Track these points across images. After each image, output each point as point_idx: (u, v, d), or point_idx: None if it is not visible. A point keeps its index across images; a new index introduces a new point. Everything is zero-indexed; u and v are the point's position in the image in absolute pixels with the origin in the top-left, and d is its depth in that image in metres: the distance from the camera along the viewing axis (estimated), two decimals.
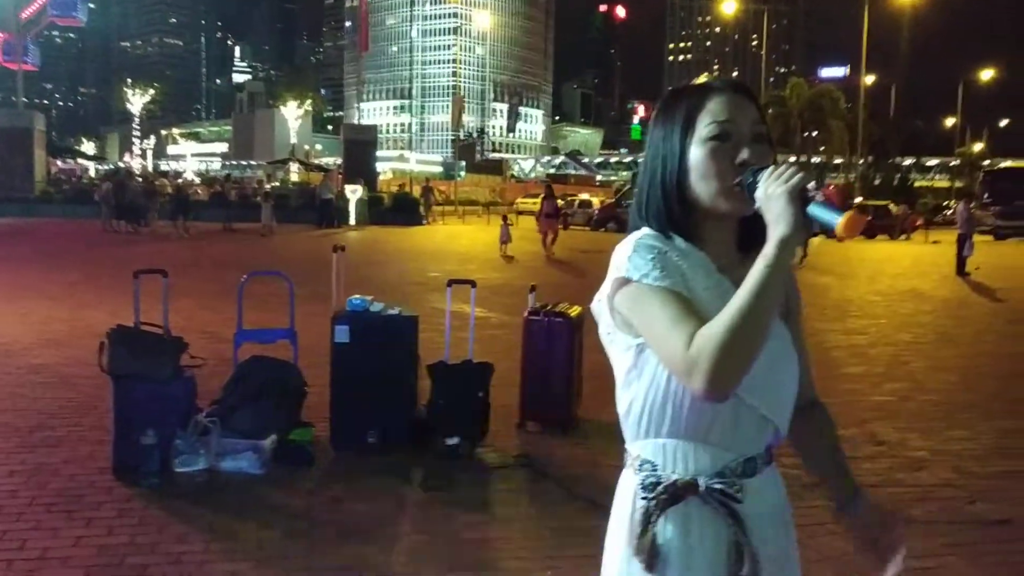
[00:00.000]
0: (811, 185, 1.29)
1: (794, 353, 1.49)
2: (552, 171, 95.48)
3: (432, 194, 37.14)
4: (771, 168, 1.34)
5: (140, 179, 31.81)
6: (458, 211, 43.75)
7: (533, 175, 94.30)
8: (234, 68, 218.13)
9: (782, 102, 59.11)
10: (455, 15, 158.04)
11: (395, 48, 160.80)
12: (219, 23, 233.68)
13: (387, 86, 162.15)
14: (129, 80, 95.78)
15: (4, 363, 7.26)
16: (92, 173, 54.67)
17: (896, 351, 9.32)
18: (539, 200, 24.94)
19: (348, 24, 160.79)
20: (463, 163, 77.57)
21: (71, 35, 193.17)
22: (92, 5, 58.72)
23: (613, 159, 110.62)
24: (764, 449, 1.45)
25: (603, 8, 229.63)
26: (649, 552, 1.40)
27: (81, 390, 6.26)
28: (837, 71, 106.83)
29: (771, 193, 1.30)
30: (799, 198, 1.29)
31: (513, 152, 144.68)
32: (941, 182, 74.50)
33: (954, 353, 9.42)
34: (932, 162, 79.52)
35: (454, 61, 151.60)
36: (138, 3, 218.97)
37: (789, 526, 1.52)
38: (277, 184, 40.32)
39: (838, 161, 63.40)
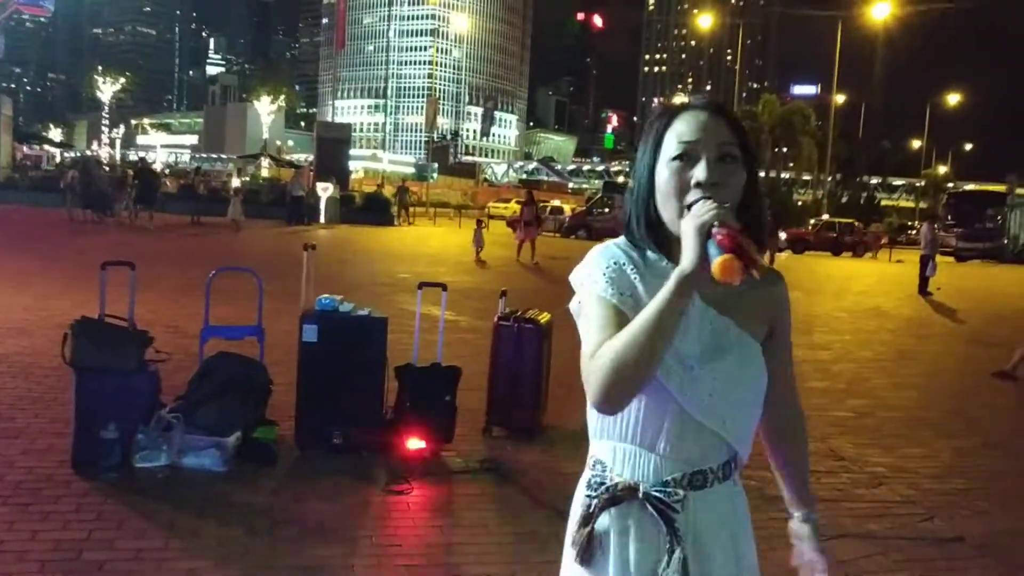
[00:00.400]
0: (715, 226, 1.28)
1: (760, 374, 1.50)
2: (525, 176, 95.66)
3: (407, 195, 37.00)
4: (700, 202, 1.35)
5: (107, 168, 31.35)
6: (429, 213, 43.67)
7: (506, 180, 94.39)
8: (208, 60, 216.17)
9: (754, 117, 59.76)
10: (433, 16, 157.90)
11: (371, 47, 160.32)
12: (194, 14, 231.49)
13: (362, 85, 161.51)
14: (100, 68, 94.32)
15: None
16: (58, 159, 53.79)
17: (858, 367, 9.46)
18: (517, 206, 24.81)
19: (325, 21, 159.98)
20: (436, 165, 77.50)
21: (41, 20, 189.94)
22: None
23: (586, 167, 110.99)
24: (719, 465, 1.47)
25: (581, 16, 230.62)
26: (584, 546, 1.45)
27: (42, 381, 6.16)
28: (809, 89, 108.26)
29: (685, 227, 1.32)
30: (705, 236, 1.28)
31: (487, 156, 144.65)
32: (907, 202, 75.72)
33: (914, 371, 9.58)
34: (898, 182, 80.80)
35: (430, 63, 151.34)
36: None
37: (742, 544, 1.53)
38: (248, 179, 39.93)
39: (807, 178, 64.16)
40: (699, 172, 1.41)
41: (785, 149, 63.13)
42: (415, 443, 5.07)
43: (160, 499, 4.24)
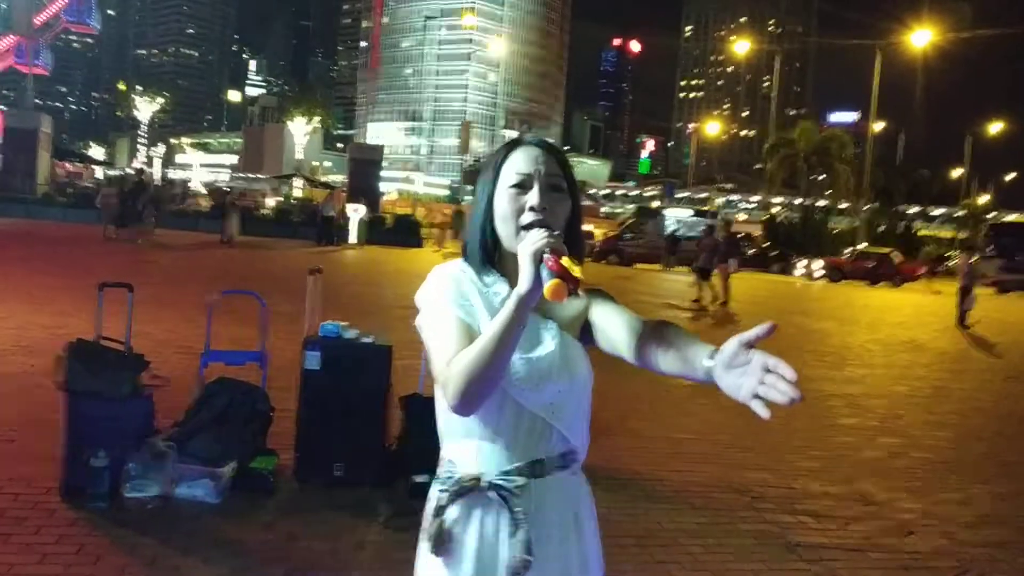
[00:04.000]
0: (546, 253, 1.43)
1: (584, 370, 1.67)
2: None
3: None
4: (534, 231, 1.51)
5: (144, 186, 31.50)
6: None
7: None
8: (248, 81, 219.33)
9: (790, 144, 59.07)
10: (470, 41, 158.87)
11: (409, 70, 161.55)
12: (236, 36, 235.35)
13: (399, 107, 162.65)
14: (138, 88, 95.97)
15: None
16: (100, 176, 54.58)
17: (891, 403, 9.10)
18: None
19: (363, 44, 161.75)
20: (469, 188, 77.51)
21: (88, 40, 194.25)
22: (111, 12, 59.47)
23: (619, 191, 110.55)
24: (558, 455, 1.63)
25: (617, 42, 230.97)
26: (436, 538, 1.60)
27: (42, 403, 5.98)
28: (847, 116, 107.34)
29: (521, 253, 1.47)
30: (538, 261, 1.44)
31: None
32: (945, 232, 74.39)
33: (949, 408, 9.19)
34: (937, 212, 79.43)
35: (466, 86, 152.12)
36: (157, 12, 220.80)
37: (583, 529, 1.67)
38: (281, 199, 40.08)
39: (843, 205, 63.27)
40: (532, 198, 1.61)
41: (822, 176, 62.31)
42: (419, 477, 4.86)
43: (146, 532, 4.06)
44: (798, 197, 61.74)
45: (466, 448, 1.63)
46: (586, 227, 46.39)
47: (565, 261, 1.44)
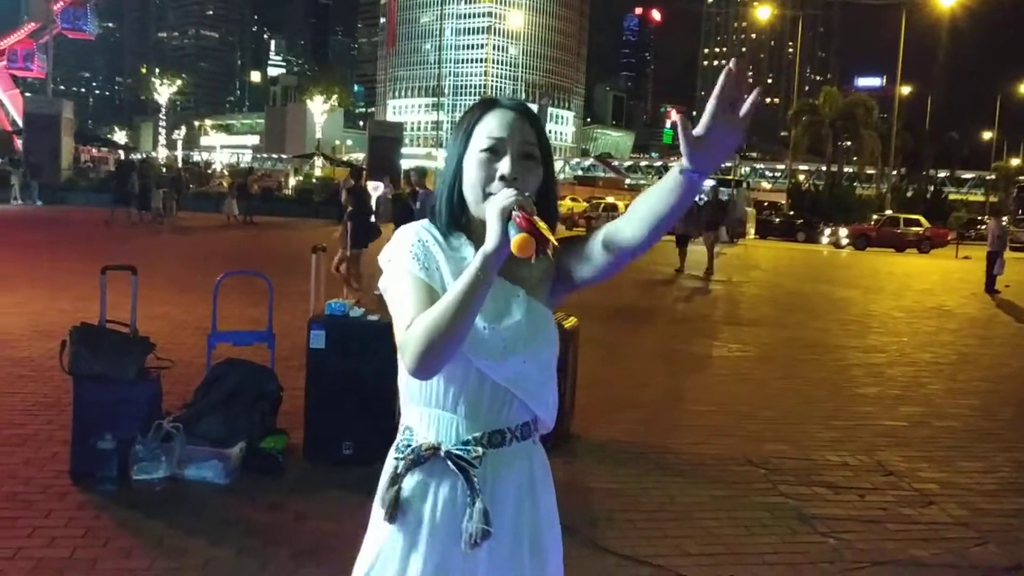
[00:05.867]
0: (514, 210, 1.40)
1: (551, 336, 1.61)
2: (581, 173, 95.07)
3: None
4: (502, 189, 1.49)
5: (164, 169, 31.80)
6: None
7: (562, 177, 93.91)
8: (269, 62, 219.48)
9: (814, 110, 58.28)
10: (489, 14, 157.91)
11: (428, 46, 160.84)
12: (256, 16, 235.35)
13: (419, 83, 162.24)
14: (156, 70, 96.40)
15: None
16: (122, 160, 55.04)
17: (915, 372, 8.95)
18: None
19: (382, 21, 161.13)
20: None
21: (110, 24, 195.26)
22: None
23: (643, 163, 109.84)
24: (518, 425, 1.60)
25: (639, 11, 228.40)
26: (391, 505, 1.56)
27: (60, 386, 6.01)
28: (873, 81, 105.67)
29: (488, 210, 1.44)
30: (506, 218, 1.40)
31: None
32: (976, 196, 73.21)
33: (975, 376, 9.02)
34: (967, 175, 78.16)
35: (485, 60, 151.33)
36: None
37: (537, 495, 1.64)
38: (301, 178, 40.19)
39: (870, 172, 62.41)
40: (504, 166, 1.55)
41: (847, 143, 61.45)
42: None
43: (153, 514, 4.05)
44: (823, 164, 61.00)
45: (426, 416, 1.59)
46: (609, 199, 46.12)
47: (536, 221, 1.39)
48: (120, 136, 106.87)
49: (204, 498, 4.29)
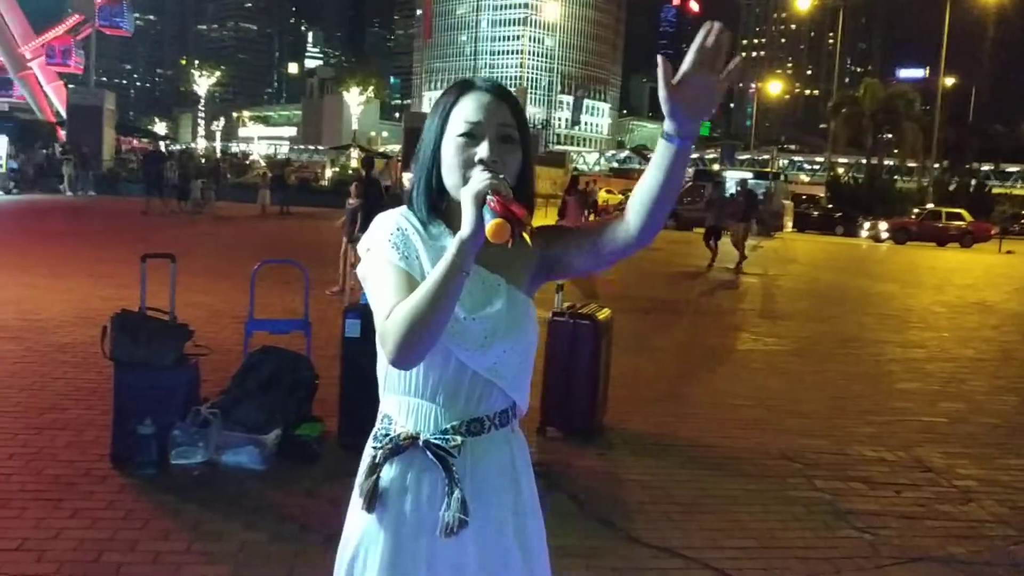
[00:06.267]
0: (489, 194, 1.37)
1: (529, 326, 1.60)
2: (616, 165, 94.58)
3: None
4: (477, 172, 1.46)
5: (204, 159, 32.17)
6: None
7: (597, 168, 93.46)
8: (306, 54, 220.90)
9: (855, 102, 57.40)
10: (525, 5, 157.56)
11: (464, 37, 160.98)
12: (293, 8, 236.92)
13: (455, 75, 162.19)
14: (196, 62, 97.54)
15: (36, 340, 7.26)
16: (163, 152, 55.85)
17: (955, 368, 8.81)
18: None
19: (419, 12, 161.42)
20: None
21: (151, 17, 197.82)
22: None
23: None
24: (496, 413, 1.59)
25: (676, 2, 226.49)
26: (369, 494, 1.56)
27: (102, 372, 6.12)
28: (916, 72, 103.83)
29: (464, 195, 1.41)
30: (481, 203, 1.38)
31: (578, 145, 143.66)
32: (1020, 190, 71.67)
33: (1017, 372, 8.86)
34: (1012, 169, 76.53)
35: (521, 52, 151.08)
36: None
37: (519, 483, 1.63)
38: (337, 170, 40.43)
39: (911, 164, 61.38)
40: (482, 151, 1.52)
41: (888, 135, 60.47)
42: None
43: (190, 498, 4.13)
44: (863, 157, 60.10)
45: (404, 405, 1.58)
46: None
47: (511, 205, 1.36)
48: (160, 127, 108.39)
49: (240, 483, 4.35)
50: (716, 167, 66.04)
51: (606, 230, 1.56)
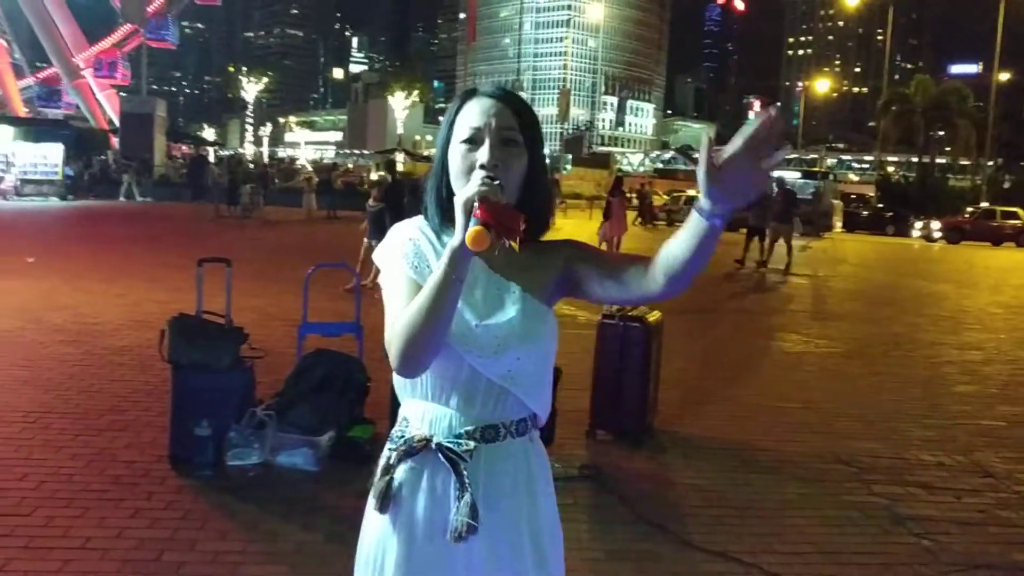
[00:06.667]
0: (476, 201, 1.36)
1: (546, 334, 1.59)
2: (661, 166, 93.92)
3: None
4: (471, 179, 1.45)
5: (252, 165, 32.66)
6: (561, 205, 43.41)
7: (641, 169, 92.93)
8: (351, 59, 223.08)
9: (906, 99, 56.33)
10: (568, 7, 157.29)
11: (507, 40, 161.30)
12: (338, 14, 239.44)
13: (499, 78, 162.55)
14: (244, 69, 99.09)
15: (91, 343, 7.43)
16: (211, 158, 56.83)
17: (1014, 369, 8.60)
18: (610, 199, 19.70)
19: (462, 16, 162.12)
20: (569, 156, 77.17)
21: (199, 25, 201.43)
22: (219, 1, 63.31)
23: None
24: (513, 421, 1.59)
25: (721, 1, 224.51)
26: (382, 495, 1.57)
27: (158, 374, 6.25)
28: (969, 68, 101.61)
29: (455, 202, 1.41)
30: (468, 211, 1.37)
31: (622, 146, 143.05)
32: None
33: None
34: None
35: (564, 53, 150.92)
36: None
37: (536, 495, 1.61)
38: (383, 173, 40.62)
39: (964, 162, 60.08)
40: (482, 155, 1.52)
41: (940, 132, 59.27)
42: None
43: (247, 499, 4.19)
44: (914, 155, 58.96)
45: (421, 408, 1.59)
46: (690, 192, 45.43)
47: (500, 211, 1.34)
48: (209, 133, 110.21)
49: (295, 484, 4.41)
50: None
51: (632, 272, 1.55)
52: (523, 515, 1.59)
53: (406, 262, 1.55)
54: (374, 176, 33.75)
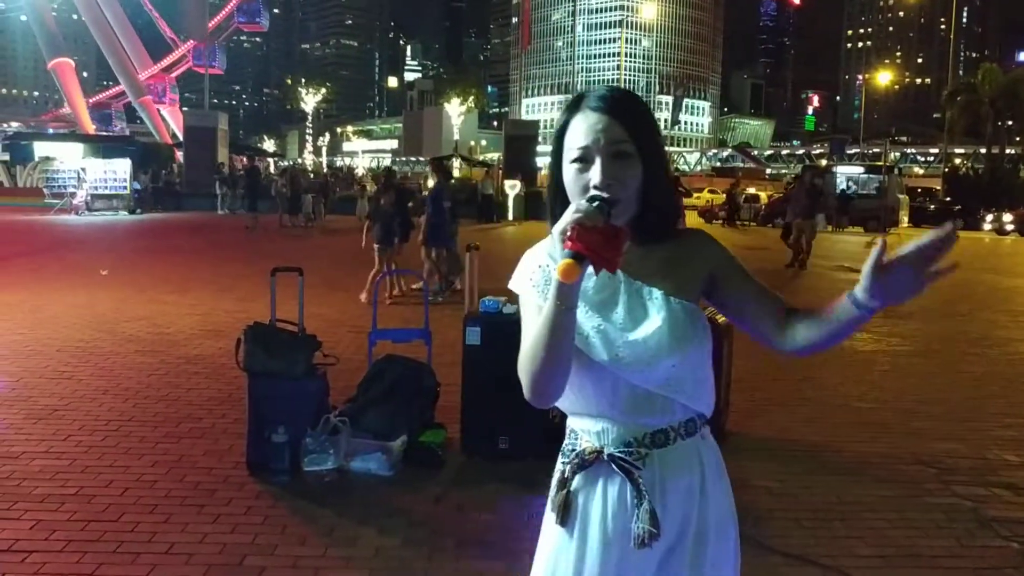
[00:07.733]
0: (568, 231, 1.35)
1: (697, 335, 1.55)
2: (719, 164, 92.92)
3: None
4: (572, 205, 1.42)
5: (312, 175, 33.13)
6: None
7: (699, 168, 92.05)
8: (405, 67, 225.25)
9: (972, 89, 54.80)
10: (621, 7, 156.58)
11: (560, 43, 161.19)
12: (392, 23, 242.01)
13: (552, 81, 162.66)
14: (303, 80, 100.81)
15: (166, 352, 7.61)
16: (272, 169, 57.84)
17: None
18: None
19: (514, 20, 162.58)
20: None
21: (256, 39, 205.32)
22: (276, 10, 65.45)
23: (784, 151, 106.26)
24: (681, 423, 1.57)
25: None
26: (561, 508, 1.58)
27: (232, 382, 6.42)
28: None
29: (552, 231, 1.44)
30: (564, 239, 1.37)
31: (678, 145, 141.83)
32: None
33: None
34: None
35: (618, 54, 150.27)
36: (317, 6, 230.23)
37: (707, 492, 1.60)
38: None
39: None
40: (594, 176, 1.50)
41: (1009, 122, 57.52)
42: None
43: (324, 504, 4.25)
44: (982, 146, 57.33)
45: (587, 422, 1.59)
46: (750, 189, 44.67)
47: (590, 235, 1.33)
48: (269, 144, 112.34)
49: (370, 489, 4.45)
50: (824, 162, 63.98)
51: (769, 313, 1.59)
52: (693, 511, 1.59)
53: (536, 291, 1.55)
54: (431, 183, 34.06)
